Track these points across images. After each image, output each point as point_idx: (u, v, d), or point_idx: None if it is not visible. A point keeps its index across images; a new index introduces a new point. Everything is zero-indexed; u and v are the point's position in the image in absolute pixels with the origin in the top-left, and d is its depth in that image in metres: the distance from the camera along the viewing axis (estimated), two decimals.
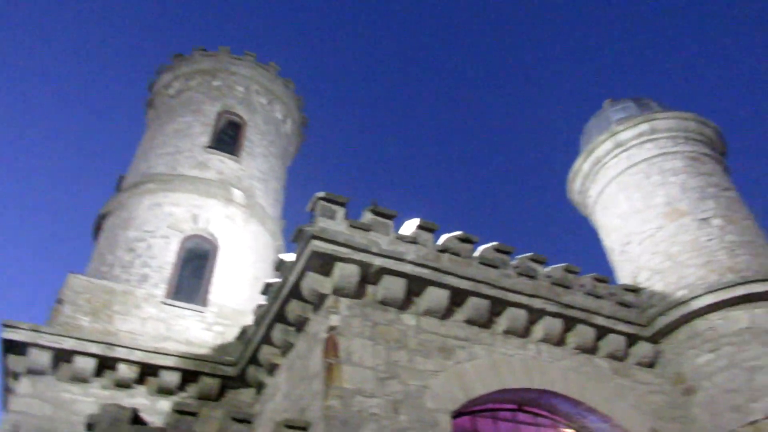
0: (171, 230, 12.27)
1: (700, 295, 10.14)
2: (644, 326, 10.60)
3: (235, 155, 14.27)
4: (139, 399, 9.84)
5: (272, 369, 9.69)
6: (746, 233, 11.14)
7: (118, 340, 10.16)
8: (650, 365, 10.56)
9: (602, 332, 10.12)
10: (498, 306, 9.16)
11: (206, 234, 12.61)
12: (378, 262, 8.26)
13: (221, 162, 13.88)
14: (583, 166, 13.70)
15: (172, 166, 13.35)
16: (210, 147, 14.03)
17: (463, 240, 9.60)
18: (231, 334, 11.51)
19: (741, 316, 9.88)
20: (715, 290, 10.08)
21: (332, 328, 7.72)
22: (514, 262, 10.10)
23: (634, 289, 11.27)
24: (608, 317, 10.19)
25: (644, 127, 12.83)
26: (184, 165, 13.41)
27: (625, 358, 10.38)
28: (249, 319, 11.58)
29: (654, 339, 10.61)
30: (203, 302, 11.82)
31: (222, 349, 11.18)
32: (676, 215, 11.49)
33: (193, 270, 12.26)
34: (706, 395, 9.64)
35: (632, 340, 10.42)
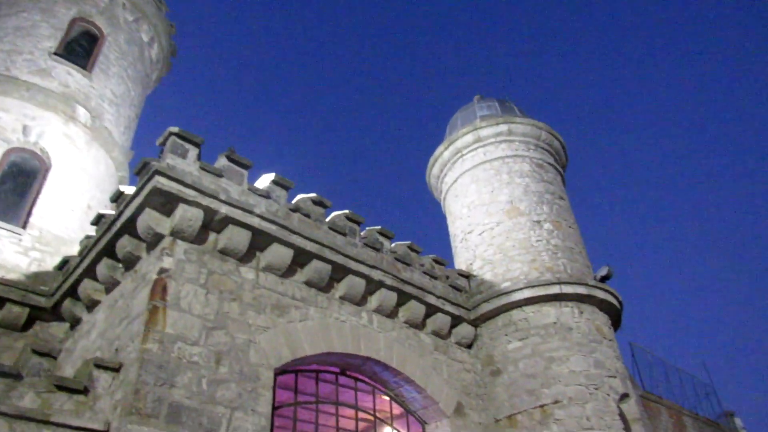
0: None
1: (520, 289, 11.17)
2: (469, 310, 11.46)
3: (86, 69, 12.82)
4: None
5: (91, 305, 9.02)
6: (569, 240, 12.42)
7: None
8: (468, 346, 11.48)
9: (432, 310, 10.77)
10: (339, 272, 9.33)
11: (37, 150, 11.25)
12: (225, 210, 7.98)
13: (68, 74, 12.40)
14: (444, 153, 14.33)
15: (6, 66, 11.66)
16: (57, 54, 12.45)
17: (317, 203, 9.60)
18: (50, 263, 10.49)
19: (550, 312, 11.05)
20: (534, 286, 11.16)
21: (163, 271, 7.33)
22: (362, 233, 10.33)
23: (467, 275, 12.12)
24: (439, 297, 10.86)
25: (503, 128, 13.71)
26: (21, 68, 11.77)
27: (447, 337, 11.16)
28: (74, 250, 10.66)
29: (475, 323, 11.53)
30: (22, 224, 10.60)
31: (37, 277, 10.15)
32: (515, 214, 12.49)
33: (16, 187, 10.92)
34: (508, 378, 10.70)
35: (456, 321, 11.22)
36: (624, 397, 10.63)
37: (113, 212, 8.49)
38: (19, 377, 6.28)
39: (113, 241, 8.20)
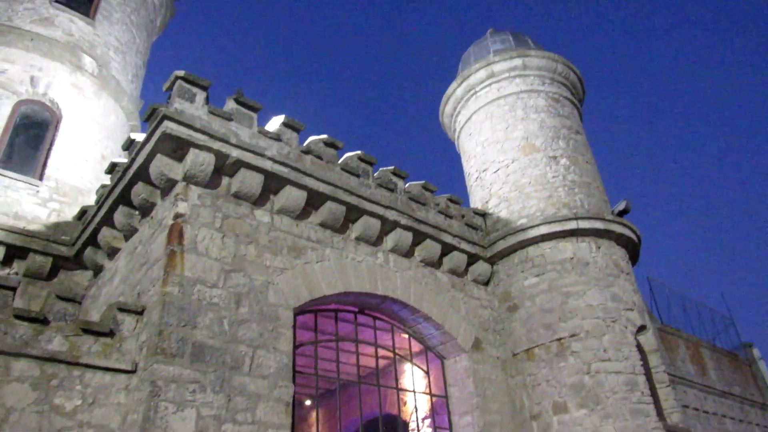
0: (3, 90, 10.73)
1: (536, 225, 11.10)
2: (485, 248, 11.47)
3: (88, 17, 12.57)
4: None
5: (112, 252, 9.17)
6: (586, 175, 12.22)
7: None
8: (485, 283, 11.55)
9: (448, 249, 10.79)
10: (354, 213, 9.33)
11: (47, 101, 11.20)
12: (236, 153, 7.93)
13: (71, 22, 12.17)
14: (456, 90, 14.00)
15: (8, 16, 11.46)
16: (58, 2, 12.19)
17: (328, 144, 9.50)
18: (69, 213, 10.63)
19: (567, 247, 11.01)
20: (550, 222, 11.08)
21: (179, 216, 7.38)
22: (375, 174, 10.25)
23: (483, 214, 12.07)
24: (455, 236, 10.85)
25: (517, 62, 13.29)
26: (23, 17, 11.56)
27: (464, 275, 11.23)
28: (91, 200, 10.76)
29: (491, 260, 11.56)
30: (38, 175, 10.69)
31: (57, 227, 10.31)
32: (530, 150, 12.28)
33: (29, 139, 10.95)
34: (525, 313, 10.79)
35: (473, 259, 11.25)
36: (641, 329, 10.69)
37: (126, 161, 8.49)
38: (45, 322, 6.46)
39: (128, 189, 8.24)
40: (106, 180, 10.31)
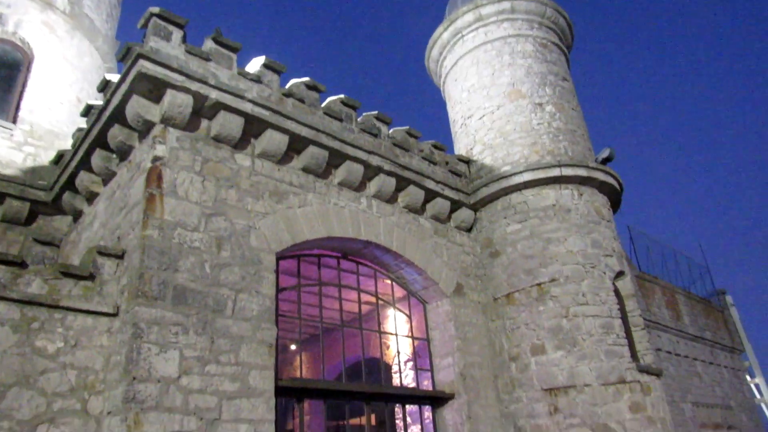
0: None
1: (520, 172, 11.10)
2: (468, 194, 11.48)
3: None
4: None
5: (91, 197, 9.03)
6: (571, 123, 12.16)
7: None
8: (467, 229, 11.63)
9: (431, 195, 10.79)
10: (336, 158, 9.23)
11: (17, 40, 10.75)
12: (214, 95, 7.72)
13: None
14: (443, 34, 13.68)
15: None
16: None
17: (310, 87, 9.29)
18: (45, 158, 10.40)
19: (550, 194, 11.06)
20: (534, 169, 11.08)
21: (157, 159, 7.23)
22: (359, 119, 10.10)
23: (467, 160, 12.02)
24: (438, 182, 10.83)
25: (506, 4, 12.96)
26: None
27: (447, 221, 11.28)
28: (67, 144, 10.52)
29: (475, 207, 11.60)
30: (12, 119, 10.38)
31: (34, 172, 10.11)
32: (516, 96, 12.14)
33: (0, 81, 10.57)
34: (507, 258, 10.92)
35: (456, 205, 11.28)
36: (619, 274, 10.91)
37: (102, 102, 8.24)
38: (24, 265, 6.39)
39: (104, 132, 8.03)
40: (83, 124, 10.05)
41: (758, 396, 24.14)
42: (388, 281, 10.75)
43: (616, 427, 9.08)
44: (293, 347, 15.69)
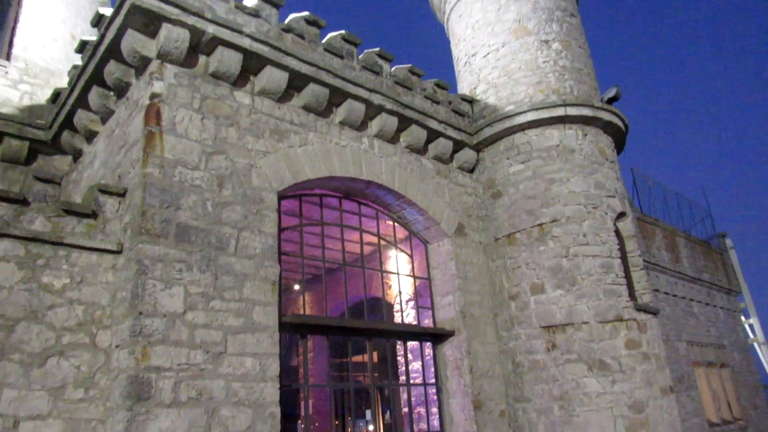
0: None
1: (524, 112, 10.92)
2: (471, 135, 11.35)
3: None
4: None
5: (90, 136, 8.95)
6: (577, 61, 11.86)
7: None
8: (470, 170, 11.56)
9: (433, 135, 10.67)
10: (337, 96, 9.07)
11: None
12: (212, 30, 7.50)
13: None
14: None
15: None
16: None
17: (310, 22, 9.01)
18: (42, 96, 10.25)
19: (554, 135, 10.92)
20: (538, 108, 10.89)
21: (155, 96, 7.10)
22: (360, 56, 9.86)
23: (470, 100, 11.82)
24: (441, 122, 10.68)
25: None
26: None
27: (449, 162, 11.20)
28: (63, 82, 10.35)
29: (477, 147, 11.49)
30: (5, 55, 10.17)
31: (31, 111, 9.98)
32: (522, 33, 11.79)
33: None
34: (509, 199, 10.91)
35: (458, 146, 11.17)
36: (621, 215, 10.92)
37: (96, 38, 8.02)
38: (26, 203, 6.39)
39: (100, 69, 7.86)
40: (78, 61, 9.83)
41: (751, 336, 24.68)
42: (390, 222, 10.79)
43: (612, 362, 9.31)
44: (297, 287, 15.94)
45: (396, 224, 10.78)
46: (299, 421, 12.81)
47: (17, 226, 6.22)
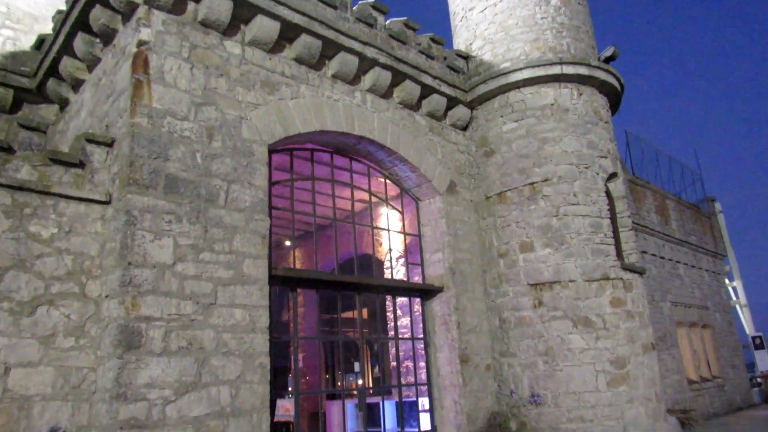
0: None
1: (519, 69, 10.78)
2: (466, 92, 11.22)
3: None
4: None
5: (76, 84, 8.74)
6: (576, 18, 11.64)
7: None
8: (463, 128, 11.48)
9: (427, 91, 10.52)
10: (330, 48, 8.87)
11: None
12: None
13: None
14: None
15: None
16: None
17: None
18: (26, 42, 9.97)
19: (549, 93, 10.81)
20: (534, 66, 10.75)
21: (143, 43, 6.91)
22: (354, 7, 9.60)
23: (466, 56, 11.62)
24: (435, 78, 10.53)
25: None
26: None
27: (443, 119, 11.10)
28: (48, 28, 10.03)
29: (471, 105, 11.37)
30: None
31: (15, 57, 9.70)
32: None
33: None
34: (501, 158, 10.87)
35: (452, 102, 11.04)
36: (612, 176, 10.94)
37: None
38: (11, 150, 6.28)
39: (85, 14, 7.60)
40: (63, 5, 9.51)
41: (734, 298, 25.19)
42: (382, 179, 10.74)
43: (596, 319, 9.49)
44: (288, 244, 15.97)
45: (387, 181, 10.74)
46: (290, 375, 13.05)
47: (3, 175, 6.12)
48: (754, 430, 14.61)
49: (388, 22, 10.21)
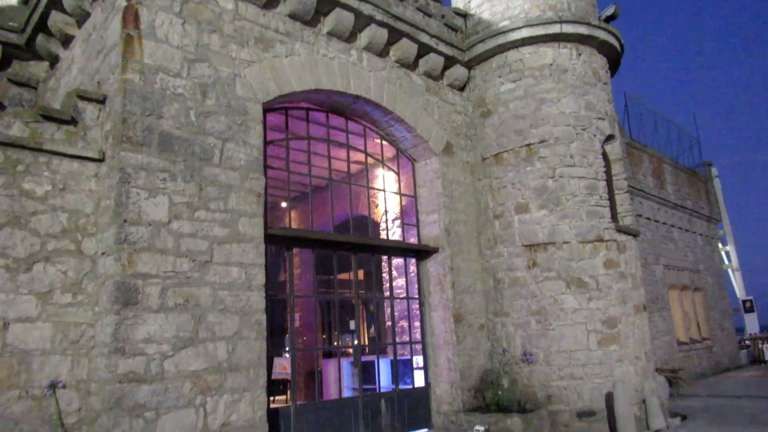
0: None
1: (518, 28, 10.59)
2: (463, 51, 11.05)
3: None
4: None
5: (66, 40, 8.56)
6: None
7: None
8: (460, 88, 11.35)
9: (424, 50, 10.36)
10: (325, 5, 8.69)
11: None
12: None
13: None
14: None
15: None
16: None
17: None
18: None
19: (548, 53, 10.66)
20: (533, 25, 10.56)
21: None
22: None
23: (464, 14, 11.40)
24: (433, 36, 10.35)
25: None
26: None
27: (440, 79, 10.96)
28: None
29: (469, 64, 11.22)
30: None
31: (2, 12, 9.46)
32: None
33: None
34: (498, 118, 10.78)
35: (450, 62, 10.89)
36: (609, 138, 10.89)
37: None
38: (1, 107, 6.21)
39: None
40: None
41: (726, 262, 25.46)
42: (378, 140, 10.68)
43: (589, 280, 9.59)
44: (284, 205, 15.97)
45: (383, 142, 10.68)
46: (287, 334, 13.23)
47: None
48: (736, 388, 15.11)
49: None
